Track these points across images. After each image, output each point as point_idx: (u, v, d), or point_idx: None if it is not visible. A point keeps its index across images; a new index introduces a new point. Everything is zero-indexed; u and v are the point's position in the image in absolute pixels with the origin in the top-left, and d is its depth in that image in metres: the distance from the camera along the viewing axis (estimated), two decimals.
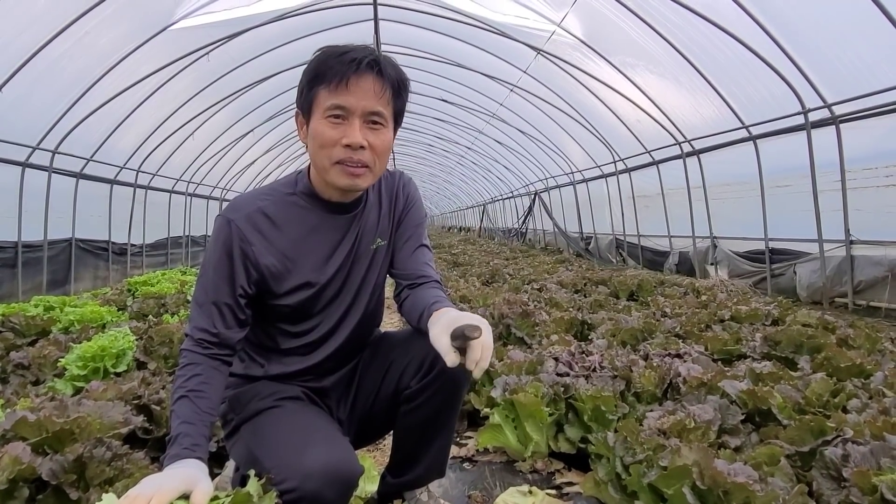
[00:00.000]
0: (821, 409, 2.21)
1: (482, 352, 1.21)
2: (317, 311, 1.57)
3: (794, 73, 5.92)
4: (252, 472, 1.20)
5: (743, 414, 2.19)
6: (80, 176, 8.68)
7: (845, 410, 2.19)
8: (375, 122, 1.41)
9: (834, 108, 5.85)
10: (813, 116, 6.13)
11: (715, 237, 8.44)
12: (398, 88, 1.45)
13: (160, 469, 1.21)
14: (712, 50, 6.59)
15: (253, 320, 1.52)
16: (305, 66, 1.44)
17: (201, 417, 1.29)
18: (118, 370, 3.16)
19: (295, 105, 1.50)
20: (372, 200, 1.62)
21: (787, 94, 6.19)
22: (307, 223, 1.51)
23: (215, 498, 1.15)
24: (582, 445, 2.30)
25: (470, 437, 2.64)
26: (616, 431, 2.01)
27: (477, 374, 1.23)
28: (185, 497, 1.11)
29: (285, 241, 1.48)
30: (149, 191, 11.05)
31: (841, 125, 5.89)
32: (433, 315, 1.39)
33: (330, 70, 1.37)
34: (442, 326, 1.28)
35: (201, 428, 1.28)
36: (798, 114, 6.25)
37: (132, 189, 10.46)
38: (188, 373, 1.35)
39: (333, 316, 1.59)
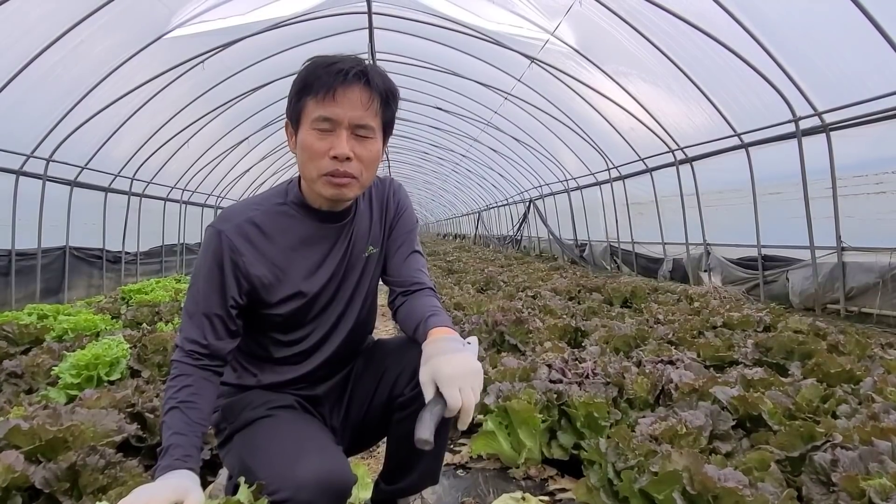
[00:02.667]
0: (811, 415, 2.23)
1: (462, 416, 1.24)
2: (308, 319, 1.57)
3: (785, 82, 5.98)
4: (242, 480, 1.21)
5: (734, 420, 2.21)
6: (74, 184, 8.67)
7: (835, 416, 2.21)
8: (363, 134, 1.41)
9: (824, 116, 5.91)
10: (804, 124, 6.19)
11: (708, 244, 8.49)
12: (387, 99, 1.44)
13: (152, 479, 1.22)
14: (704, 59, 6.65)
15: (245, 330, 1.52)
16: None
17: (192, 428, 1.30)
18: (112, 378, 3.16)
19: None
20: (363, 208, 1.62)
21: (777, 103, 6.25)
22: (298, 233, 1.51)
23: None
24: (575, 452, 2.32)
25: (463, 444, 2.64)
26: (608, 438, 2.02)
27: (461, 426, 1.26)
28: None
29: (276, 252, 1.48)
30: (143, 199, 11.04)
31: (831, 133, 5.95)
32: (428, 336, 1.40)
33: (318, 80, 1.36)
34: (429, 376, 1.28)
35: (193, 439, 1.28)
36: (789, 122, 6.31)
37: (126, 197, 10.45)
38: (179, 384, 1.35)
39: (325, 324, 1.60)
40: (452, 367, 1.26)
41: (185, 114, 9.54)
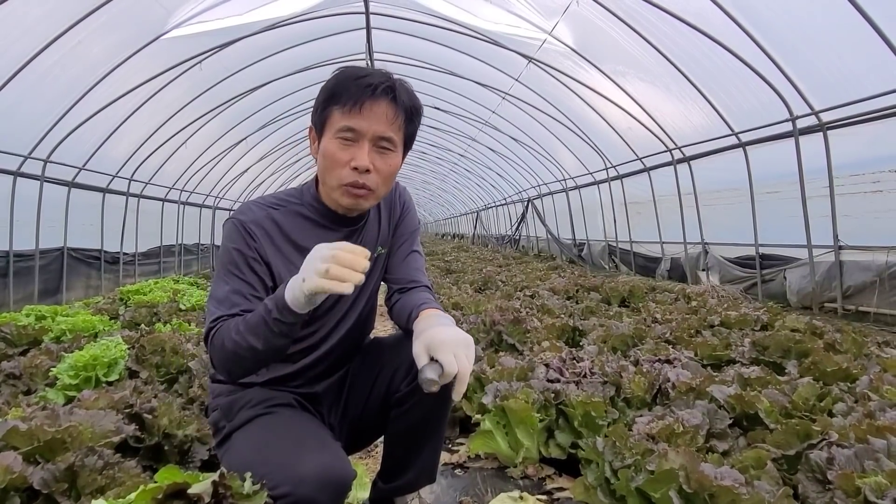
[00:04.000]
0: (807, 413, 2.23)
1: (457, 385, 1.26)
2: (315, 317, 1.60)
3: (782, 81, 5.99)
4: (248, 475, 1.23)
5: (731, 418, 2.22)
6: (72, 185, 8.65)
7: (831, 414, 2.21)
8: (384, 147, 1.45)
9: (821, 115, 5.92)
10: (801, 123, 6.21)
11: (706, 243, 8.50)
12: (411, 115, 1.49)
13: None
14: (701, 59, 6.66)
15: None
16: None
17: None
18: (110, 379, 3.15)
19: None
20: (373, 212, 1.68)
21: (775, 102, 6.26)
22: (312, 234, 1.55)
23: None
24: (572, 451, 2.32)
25: (461, 444, 2.65)
26: (605, 437, 2.03)
27: (456, 398, 1.28)
28: None
29: (291, 249, 1.53)
30: (141, 199, 11.02)
31: (828, 132, 5.96)
32: (419, 316, 1.43)
33: (346, 92, 1.40)
34: (422, 346, 1.30)
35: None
36: (786, 121, 6.33)
37: (125, 198, 10.42)
38: (230, 321, 1.36)
39: (329, 322, 1.63)
40: (445, 335, 1.29)
41: (183, 114, 9.52)
